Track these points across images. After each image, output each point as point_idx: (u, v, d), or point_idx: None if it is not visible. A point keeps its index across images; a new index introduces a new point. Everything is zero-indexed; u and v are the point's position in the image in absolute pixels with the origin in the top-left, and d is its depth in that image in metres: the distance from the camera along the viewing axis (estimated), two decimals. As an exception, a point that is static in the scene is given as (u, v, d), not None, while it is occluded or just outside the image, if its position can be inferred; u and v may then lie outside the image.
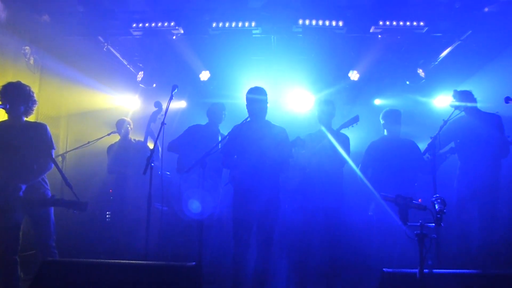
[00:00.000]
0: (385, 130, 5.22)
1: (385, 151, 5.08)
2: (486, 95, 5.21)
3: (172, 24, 5.97)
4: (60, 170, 4.18)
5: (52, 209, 4.16)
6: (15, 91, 4.05)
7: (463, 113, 4.95)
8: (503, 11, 5.49)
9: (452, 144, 5.15)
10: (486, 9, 5.54)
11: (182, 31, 6.07)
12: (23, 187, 3.89)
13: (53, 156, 4.22)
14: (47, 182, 4.25)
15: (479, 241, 4.80)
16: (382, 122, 5.22)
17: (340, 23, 5.82)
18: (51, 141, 4.24)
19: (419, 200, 4.56)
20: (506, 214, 5.08)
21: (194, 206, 4.63)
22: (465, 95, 4.94)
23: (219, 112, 5.49)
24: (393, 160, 4.96)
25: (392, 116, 5.14)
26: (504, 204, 5.02)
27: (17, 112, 4.07)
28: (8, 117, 4.11)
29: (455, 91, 5.00)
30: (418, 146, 5.09)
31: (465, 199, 4.92)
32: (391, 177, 4.87)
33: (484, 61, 6.28)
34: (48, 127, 4.24)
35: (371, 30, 5.87)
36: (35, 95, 4.21)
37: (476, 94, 5.00)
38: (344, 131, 4.87)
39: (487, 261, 4.62)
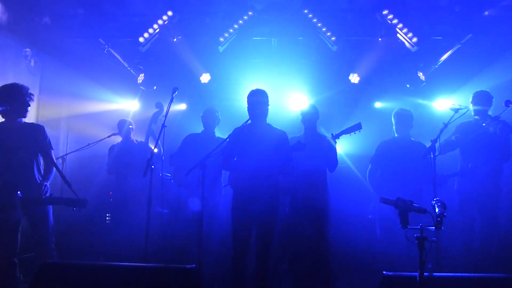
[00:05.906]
0: (395, 131, 5.21)
1: (394, 152, 5.05)
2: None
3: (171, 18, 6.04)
4: (58, 169, 4.16)
5: (51, 210, 4.15)
6: (13, 92, 4.05)
7: (472, 114, 4.93)
8: (503, 14, 5.51)
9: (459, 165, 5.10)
10: (486, 13, 5.56)
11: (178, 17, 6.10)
12: (23, 186, 3.89)
13: (53, 157, 4.24)
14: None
15: (479, 245, 4.79)
16: (393, 122, 5.20)
17: (333, 38, 5.94)
18: (50, 142, 4.25)
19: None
20: (507, 217, 5.06)
21: (194, 207, 4.62)
22: (479, 97, 4.91)
23: (212, 117, 5.44)
24: (401, 162, 4.93)
25: (404, 117, 5.12)
26: (505, 207, 5.00)
27: (15, 114, 4.07)
28: (6, 118, 4.11)
29: (475, 92, 4.97)
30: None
31: (465, 202, 4.89)
32: (398, 179, 4.86)
33: (485, 64, 6.27)
34: (45, 128, 4.25)
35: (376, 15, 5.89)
36: (33, 95, 4.21)
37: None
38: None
39: (487, 264, 4.61)
